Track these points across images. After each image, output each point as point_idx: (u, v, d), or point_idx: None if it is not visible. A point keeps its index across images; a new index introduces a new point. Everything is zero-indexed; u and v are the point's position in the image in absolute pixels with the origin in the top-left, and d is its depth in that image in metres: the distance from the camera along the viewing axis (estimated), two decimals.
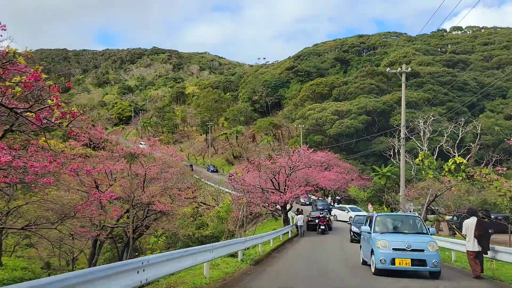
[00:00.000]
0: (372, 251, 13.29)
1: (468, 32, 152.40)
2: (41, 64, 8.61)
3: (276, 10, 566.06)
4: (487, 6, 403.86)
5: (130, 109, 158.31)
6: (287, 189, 29.24)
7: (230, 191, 39.81)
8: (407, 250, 12.53)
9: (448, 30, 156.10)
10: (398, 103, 76.45)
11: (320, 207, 39.92)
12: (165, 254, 8.83)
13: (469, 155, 56.09)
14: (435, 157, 55.07)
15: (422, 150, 54.38)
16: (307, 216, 33.51)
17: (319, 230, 29.94)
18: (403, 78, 30.05)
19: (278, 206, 33.18)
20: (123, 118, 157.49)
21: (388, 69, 29.23)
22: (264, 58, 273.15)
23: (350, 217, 40.16)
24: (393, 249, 12.59)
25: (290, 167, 29.43)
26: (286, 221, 31.71)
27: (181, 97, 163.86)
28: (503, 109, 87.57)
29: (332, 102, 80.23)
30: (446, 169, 52.20)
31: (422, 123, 55.73)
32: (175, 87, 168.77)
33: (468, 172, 47.49)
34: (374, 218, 14.64)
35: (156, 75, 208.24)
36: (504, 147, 64.95)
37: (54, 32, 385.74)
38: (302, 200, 55.66)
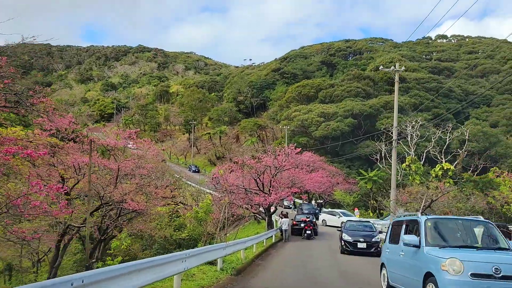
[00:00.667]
0: (427, 277, 8.80)
1: (453, 41, 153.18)
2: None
3: (265, 14, 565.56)
4: (469, 18, 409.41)
5: (113, 106, 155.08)
6: (272, 190, 27.54)
7: (211, 191, 37.97)
8: (495, 278, 8.06)
9: (433, 38, 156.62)
10: (385, 107, 75.63)
11: (306, 211, 37.93)
12: (111, 269, 6.39)
13: (456, 162, 55.20)
14: (422, 162, 54.11)
15: (410, 155, 53.37)
16: (292, 219, 31.86)
17: (305, 235, 28.28)
18: (397, 77, 28.68)
19: (261, 209, 31.46)
20: (105, 115, 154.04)
21: (381, 67, 27.77)
22: (250, 60, 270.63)
23: (342, 222, 38.73)
24: (472, 275, 8.08)
25: (276, 167, 27.76)
26: (270, 225, 30.03)
27: (165, 96, 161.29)
28: (488, 117, 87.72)
29: (318, 104, 78.96)
30: (434, 175, 51.36)
31: (410, 128, 54.63)
32: (159, 86, 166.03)
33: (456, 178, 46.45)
34: (422, 223, 9.94)
35: (141, 73, 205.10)
36: (490, 154, 64.54)
37: (38, 27, 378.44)
38: (285, 203, 54.04)
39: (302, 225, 29.85)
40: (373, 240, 21.84)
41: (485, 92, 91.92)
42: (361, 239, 21.47)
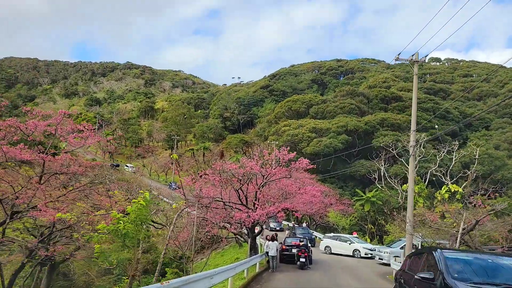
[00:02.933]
0: None
1: (447, 64, 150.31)
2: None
3: (256, 39, 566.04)
4: (456, 51, 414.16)
5: (95, 121, 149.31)
6: (258, 205, 21.59)
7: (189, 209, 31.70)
8: None
9: (426, 61, 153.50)
10: (382, 124, 70.58)
11: (300, 236, 31.19)
12: None
13: (464, 184, 49.69)
14: (425, 184, 48.77)
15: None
16: (281, 243, 25.77)
17: (298, 263, 22.18)
18: (415, 70, 23.20)
19: (244, 230, 25.42)
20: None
21: (396, 57, 22.32)
22: (239, 78, 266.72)
23: (356, 250, 32.45)
24: None
25: (264, 176, 21.86)
26: (254, 249, 23.88)
27: (150, 112, 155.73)
28: (488, 141, 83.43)
29: (309, 120, 73.59)
30: (439, 198, 45.75)
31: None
32: (144, 101, 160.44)
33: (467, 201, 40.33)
34: None
35: (127, 89, 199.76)
36: (496, 178, 59.50)
37: (29, 42, 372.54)
38: (272, 225, 47.81)
39: (294, 250, 23.72)
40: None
41: (481, 113, 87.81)
42: None
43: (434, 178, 51.65)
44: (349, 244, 33.04)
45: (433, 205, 45.63)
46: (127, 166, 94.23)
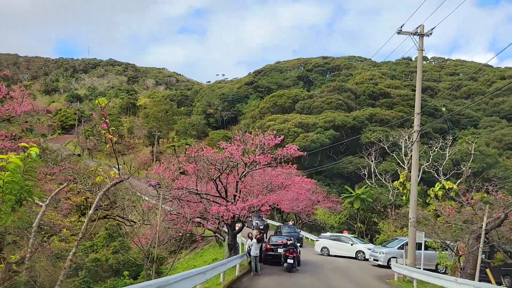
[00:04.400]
0: None
1: (433, 63, 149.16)
2: None
3: (242, 38, 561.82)
4: (439, 53, 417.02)
5: (75, 118, 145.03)
6: (239, 197, 18.55)
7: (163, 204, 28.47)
8: None
9: (413, 59, 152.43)
10: (370, 119, 68.17)
11: (287, 235, 27.82)
12: None
13: (459, 180, 47.37)
14: (418, 180, 46.23)
15: (404, 171, 45.33)
16: (265, 242, 22.79)
17: (285, 264, 19.19)
18: (421, 44, 20.42)
19: (225, 228, 22.39)
20: (66, 127, 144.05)
21: (398, 29, 19.44)
22: (223, 75, 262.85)
23: (359, 251, 29.10)
24: None
25: (246, 164, 18.85)
26: (234, 249, 20.86)
27: (131, 109, 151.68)
28: (476, 139, 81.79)
29: (295, 114, 70.71)
30: (433, 195, 43.24)
31: (405, 138, 46.83)
32: (126, 98, 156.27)
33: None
34: None
35: (109, 86, 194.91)
36: (489, 176, 57.45)
37: (8, 37, 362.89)
38: (255, 223, 44.37)
39: (280, 250, 20.74)
40: None
41: (466, 107, 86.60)
42: None
43: (424, 175, 49.41)
44: (351, 245, 29.76)
45: (426, 203, 43.29)
46: (114, 168, 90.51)
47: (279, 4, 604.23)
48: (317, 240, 32.19)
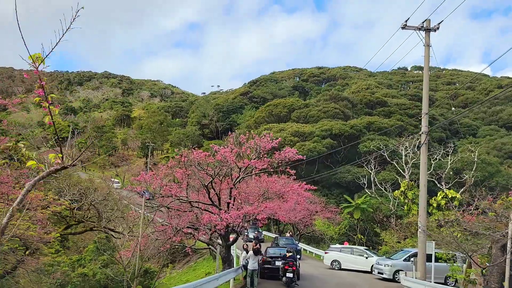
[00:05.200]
0: None
1: (430, 72, 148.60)
2: None
3: (237, 51, 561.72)
4: (433, 64, 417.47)
5: (69, 130, 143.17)
6: (233, 205, 16.94)
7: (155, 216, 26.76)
8: None
9: (409, 69, 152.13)
10: (368, 128, 66.84)
11: (284, 246, 25.77)
12: None
13: (462, 189, 45.89)
14: (419, 189, 44.74)
15: (405, 179, 43.86)
16: (261, 254, 21.09)
17: (284, 279, 17.51)
18: (427, 39, 19.11)
19: (219, 240, 20.68)
20: (60, 139, 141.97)
21: (403, 24, 18.02)
22: (218, 86, 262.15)
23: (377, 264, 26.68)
24: None
25: (241, 168, 17.27)
26: (228, 261, 19.18)
27: (126, 121, 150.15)
28: (476, 148, 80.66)
29: (292, 123, 69.26)
30: (435, 205, 41.72)
31: (406, 146, 45.53)
32: (120, 109, 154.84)
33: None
34: None
35: (104, 98, 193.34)
36: (491, 184, 56.02)
37: (3, 51, 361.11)
38: (252, 235, 42.38)
39: (279, 263, 19.07)
40: None
41: (460, 115, 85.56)
42: None
43: (435, 183, 48.05)
44: (366, 258, 27.63)
45: (428, 213, 41.75)
46: (112, 180, 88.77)
47: (273, 19, 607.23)
48: (326, 253, 29.87)
